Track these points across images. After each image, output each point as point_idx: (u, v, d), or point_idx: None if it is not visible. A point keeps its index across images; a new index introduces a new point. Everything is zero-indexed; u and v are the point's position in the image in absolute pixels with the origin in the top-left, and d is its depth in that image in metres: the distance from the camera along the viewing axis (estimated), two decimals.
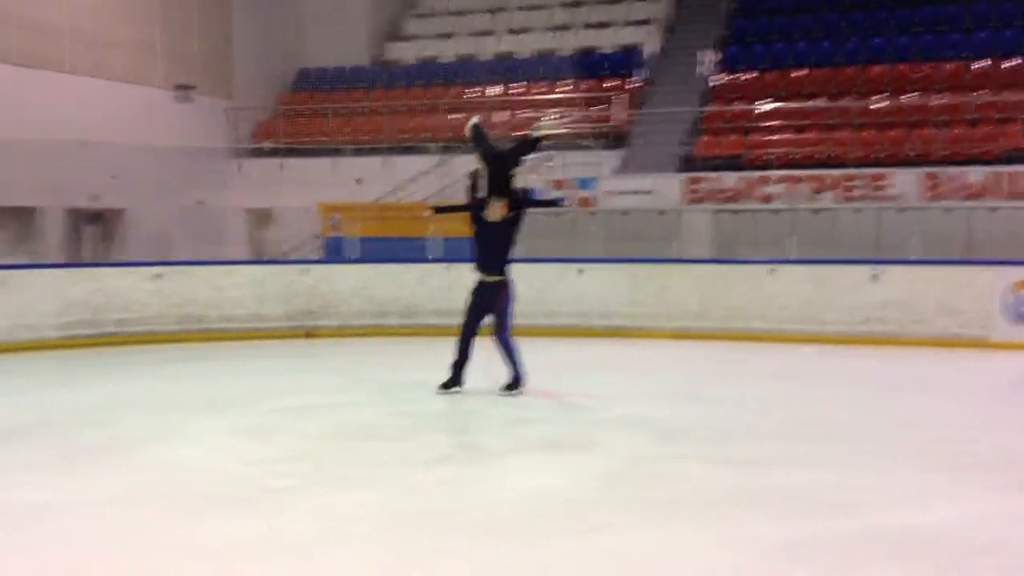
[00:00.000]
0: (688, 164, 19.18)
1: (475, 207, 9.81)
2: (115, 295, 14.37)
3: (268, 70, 24.58)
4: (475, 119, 10.06)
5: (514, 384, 9.72)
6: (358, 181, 21.63)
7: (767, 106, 20.05)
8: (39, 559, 5.32)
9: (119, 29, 21.15)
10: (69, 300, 14.10)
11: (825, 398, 10.27)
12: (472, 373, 10.06)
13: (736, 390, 10.68)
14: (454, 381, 9.82)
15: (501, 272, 9.68)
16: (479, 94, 23.23)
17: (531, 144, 9.98)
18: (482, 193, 9.80)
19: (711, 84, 21.59)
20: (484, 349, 10.11)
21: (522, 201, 9.86)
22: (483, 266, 9.74)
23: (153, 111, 21.13)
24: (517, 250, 9.98)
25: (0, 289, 13.60)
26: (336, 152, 22.42)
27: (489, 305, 9.71)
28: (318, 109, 23.93)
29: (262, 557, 5.31)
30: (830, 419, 9.13)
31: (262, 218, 21.98)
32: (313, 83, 25.56)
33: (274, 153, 22.68)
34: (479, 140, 9.96)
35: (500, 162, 9.77)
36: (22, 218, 18.68)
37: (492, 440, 8.06)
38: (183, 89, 21.96)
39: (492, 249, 9.68)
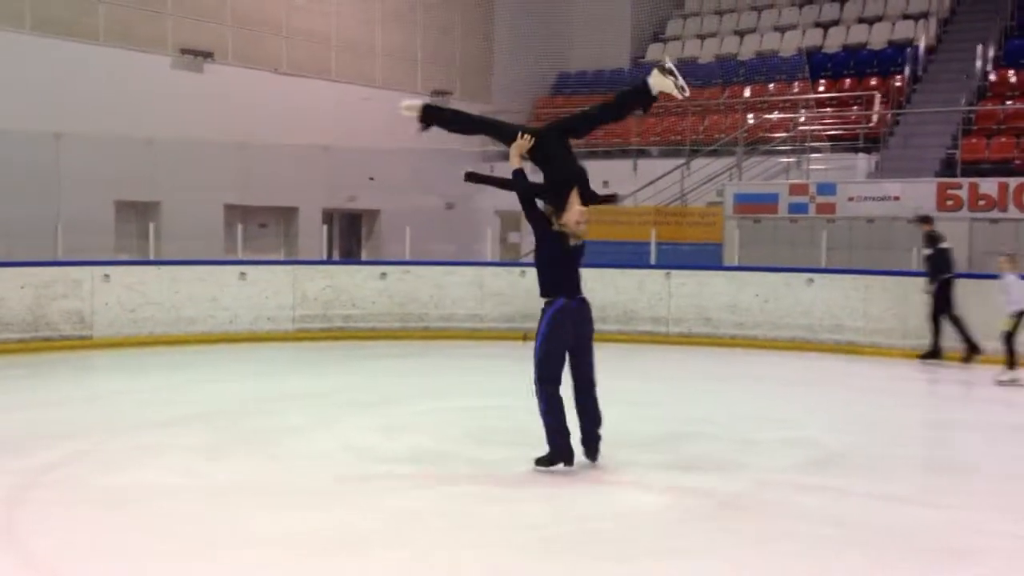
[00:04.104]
0: (949, 168, 17.65)
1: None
2: (343, 291, 15.13)
3: (528, 74, 25.01)
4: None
5: (545, 457, 7.11)
6: (605, 184, 21.54)
7: None
8: (123, 539, 5.66)
9: (383, 38, 22.25)
10: (304, 295, 14.99)
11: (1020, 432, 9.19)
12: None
13: (931, 417, 9.77)
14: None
15: (541, 294, 7.18)
16: (735, 95, 22.55)
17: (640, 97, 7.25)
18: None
19: (987, 81, 19.77)
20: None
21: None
22: None
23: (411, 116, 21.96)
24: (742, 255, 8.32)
25: (242, 282, 14.67)
26: (589, 155, 22.42)
27: None
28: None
29: (318, 552, 5.39)
30: (1006, 456, 8.18)
31: (512, 220, 22.37)
32: (572, 87, 25.75)
33: (527, 157, 22.95)
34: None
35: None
36: (286, 216, 20.05)
37: (626, 454, 7.74)
38: (440, 95, 22.74)
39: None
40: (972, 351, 13.06)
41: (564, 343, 7.06)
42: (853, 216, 16.78)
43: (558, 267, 7.11)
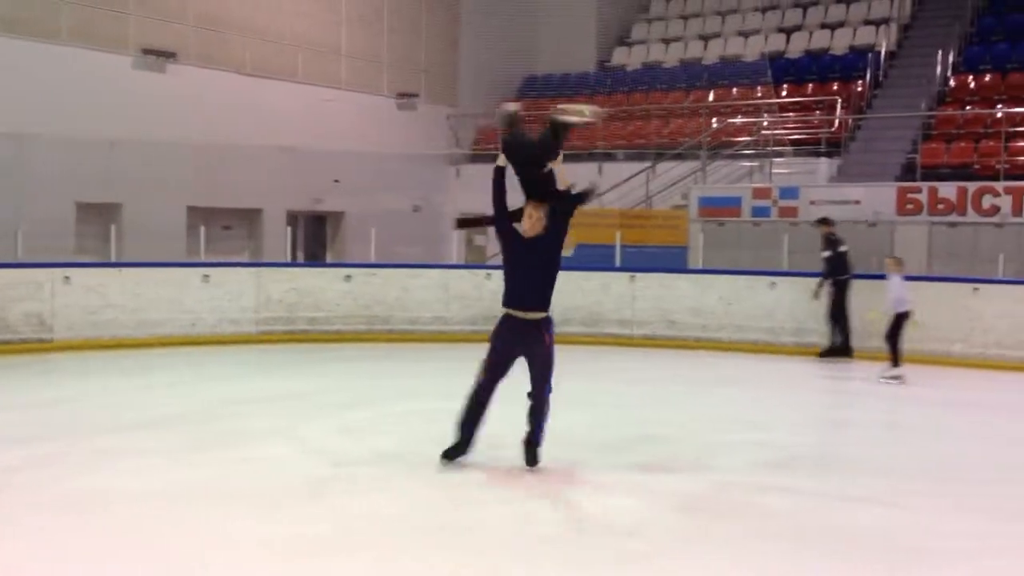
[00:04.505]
0: (910, 173, 17.88)
1: (499, 218, 7.48)
2: (308, 294, 15.06)
3: (494, 78, 24.98)
4: (513, 107, 7.74)
5: (538, 457, 7.34)
6: (572, 187, 21.61)
7: (1007, 110, 18.38)
8: (88, 543, 5.63)
9: (348, 40, 22.18)
10: (268, 297, 14.90)
11: (977, 433, 9.32)
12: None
13: (886, 419, 9.92)
14: (462, 447, 7.46)
15: (544, 306, 7.28)
16: (699, 99, 22.70)
17: (555, 133, 7.43)
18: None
19: (946, 86, 20.06)
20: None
21: (564, 203, 7.46)
22: (519, 299, 7.25)
23: (376, 118, 22.00)
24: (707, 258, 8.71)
25: (205, 285, 14.57)
26: None
27: (528, 351, 7.27)
28: (539, 116, 24.07)
29: (296, 555, 5.39)
30: (966, 456, 8.35)
31: (477, 223, 22.37)
32: (539, 90, 25.79)
33: (493, 159, 22.97)
34: (510, 130, 7.64)
35: (527, 158, 7.46)
36: (250, 219, 19.92)
37: (594, 456, 7.79)
38: (406, 97, 22.71)
39: (532, 275, 7.23)
40: (836, 352, 13.85)
41: None
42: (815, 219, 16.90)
43: None
